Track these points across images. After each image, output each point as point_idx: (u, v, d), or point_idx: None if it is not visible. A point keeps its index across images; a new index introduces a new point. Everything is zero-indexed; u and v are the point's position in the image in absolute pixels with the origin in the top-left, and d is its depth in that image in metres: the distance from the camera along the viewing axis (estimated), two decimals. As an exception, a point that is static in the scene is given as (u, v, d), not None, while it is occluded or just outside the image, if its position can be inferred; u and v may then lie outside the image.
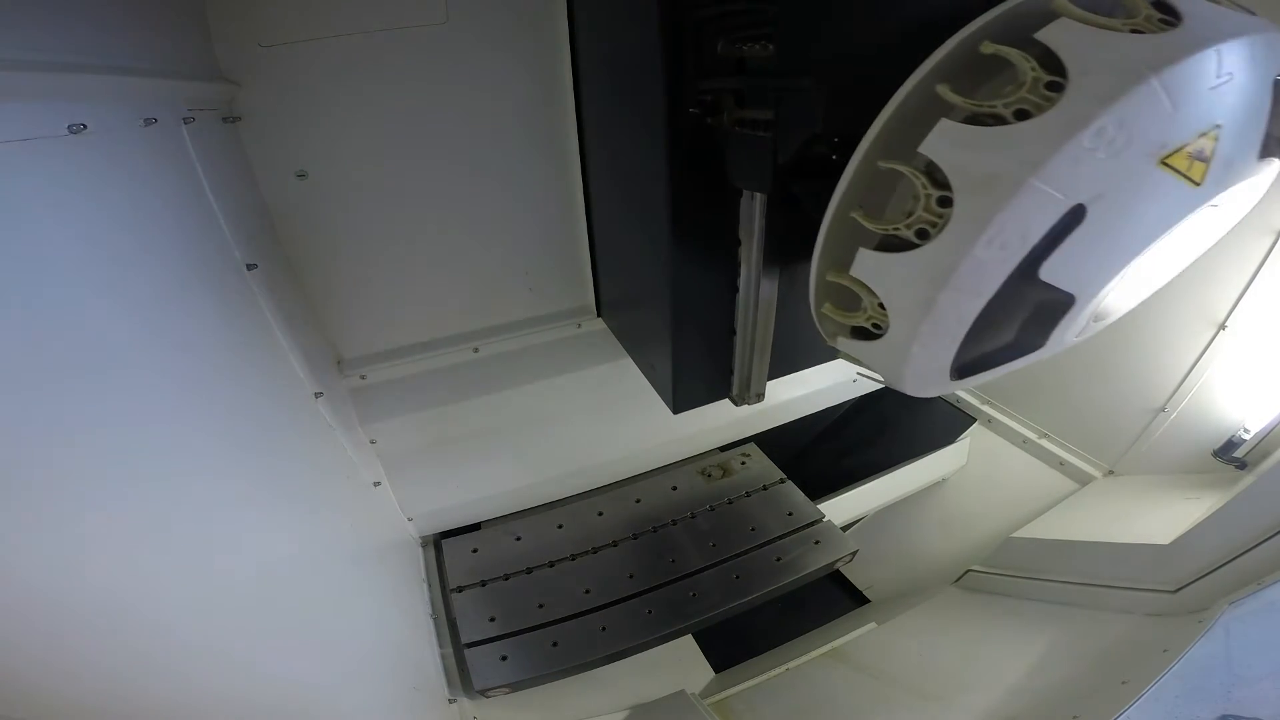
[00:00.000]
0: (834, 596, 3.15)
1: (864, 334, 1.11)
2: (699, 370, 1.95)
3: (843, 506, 2.86)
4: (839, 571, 2.99)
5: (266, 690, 1.23)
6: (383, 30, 1.98)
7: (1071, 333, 1.00)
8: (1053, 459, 2.67)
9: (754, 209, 1.50)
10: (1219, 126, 0.80)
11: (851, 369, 1.42)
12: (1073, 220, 0.82)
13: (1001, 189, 0.81)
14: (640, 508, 2.75)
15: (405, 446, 2.48)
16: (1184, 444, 2.25)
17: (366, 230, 2.29)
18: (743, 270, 1.66)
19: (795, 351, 1.93)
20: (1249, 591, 1.68)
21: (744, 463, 2.94)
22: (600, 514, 2.72)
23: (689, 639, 2.76)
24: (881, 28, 1.13)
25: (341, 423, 2.19)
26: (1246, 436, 2.04)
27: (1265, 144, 0.87)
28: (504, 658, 2.18)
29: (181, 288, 1.42)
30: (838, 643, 2.62)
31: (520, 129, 2.32)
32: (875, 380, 1.24)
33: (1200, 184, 0.83)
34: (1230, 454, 2.06)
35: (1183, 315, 2.13)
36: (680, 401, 2.01)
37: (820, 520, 2.64)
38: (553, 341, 2.75)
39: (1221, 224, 0.98)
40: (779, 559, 2.51)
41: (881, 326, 1.05)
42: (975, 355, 1.01)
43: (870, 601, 3.11)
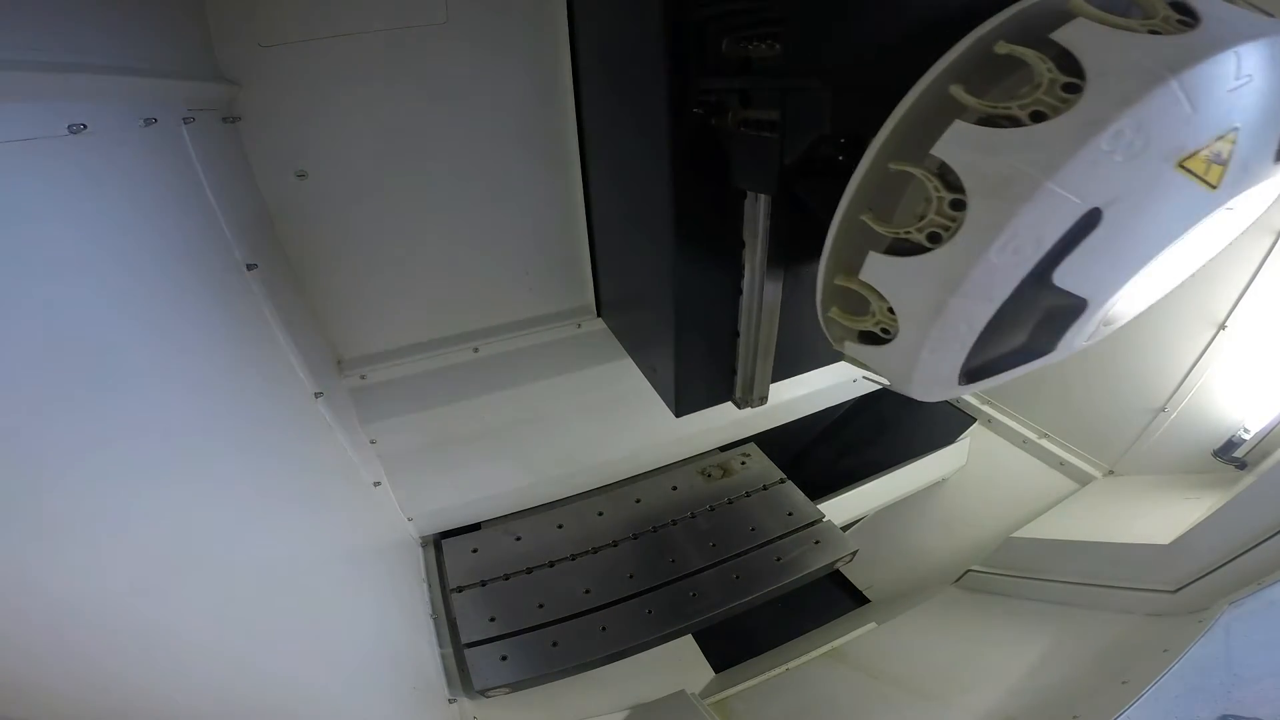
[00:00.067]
0: (834, 596, 3.16)
1: (872, 339, 1.09)
2: (702, 373, 1.93)
3: (843, 506, 2.86)
4: (839, 571, 2.99)
5: (266, 690, 1.23)
6: (383, 30, 1.98)
7: (1082, 337, 0.99)
8: (1053, 459, 2.67)
9: (758, 210, 1.49)
10: (1237, 129, 0.79)
11: (852, 369, 1.41)
12: (1088, 224, 0.81)
13: (1017, 192, 0.80)
14: (640, 508, 2.74)
15: (405, 446, 2.47)
16: (1184, 444, 2.25)
17: (366, 230, 2.28)
18: (746, 272, 1.65)
19: (799, 354, 1.92)
20: (1249, 591, 1.69)
21: (744, 463, 2.94)
22: (600, 514, 2.71)
23: (689, 639, 2.75)
24: (890, 27, 1.10)
25: (341, 423, 2.18)
26: (1246, 436, 2.05)
27: None
28: (504, 658, 2.18)
29: (181, 288, 1.41)
30: (838, 643, 2.62)
31: (520, 128, 2.32)
32: (880, 383, 1.23)
33: (1217, 187, 0.82)
34: (1230, 454, 2.07)
35: (1183, 315, 2.13)
36: (683, 405, 1.99)
37: (820, 520, 2.64)
38: (553, 341, 2.75)
39: (1234, 227, 0.97)
40: (779, 559, 2.50)
41: (890, 331, 1.04)
42: (984, 360, 0.99)
43: (870, 601, 3.12)
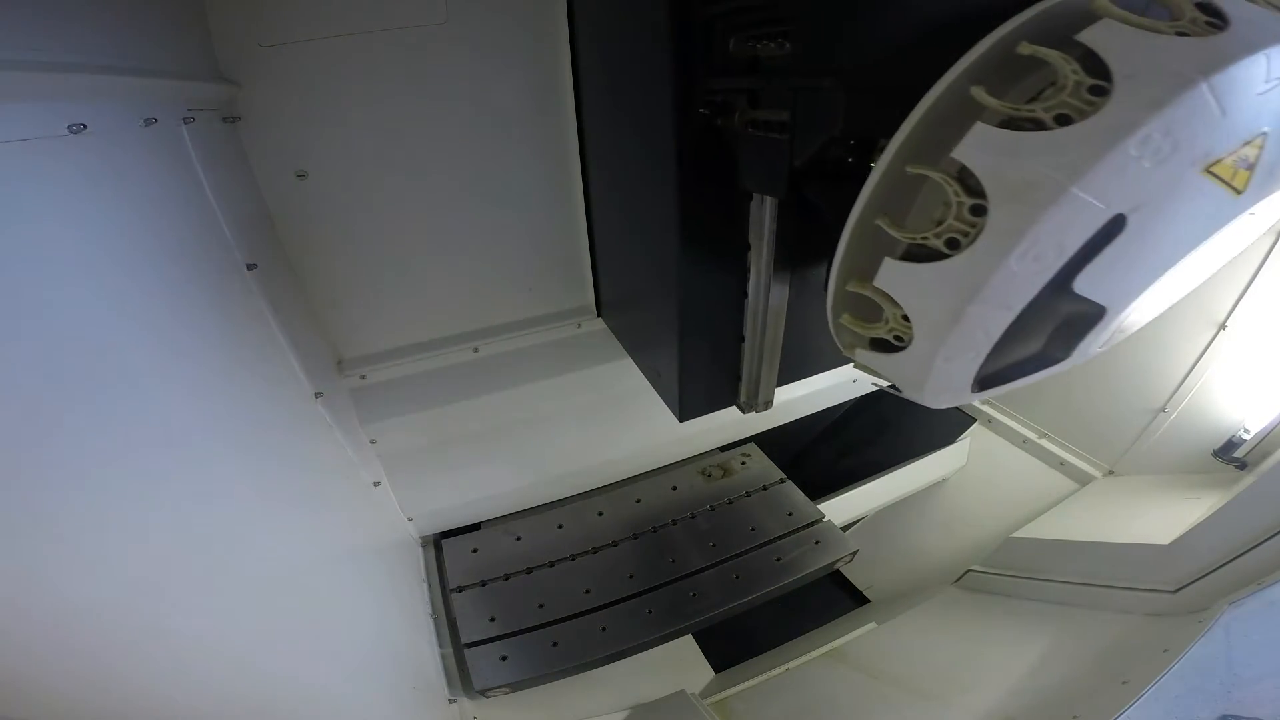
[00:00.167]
0: (834, 596, 3.17)
1: (884, 346, 1.06)
2: (706, 378, 1.91)
3: (843, 506, 2.87)
4: (839, 571, 3.00)
5: (266, 690, 1.22)
6: (383, 30, 1.96)
7: (1097, 345, 0.97)
8: (1053, 459, 2.68)
9: (765, 213, 1.47)
10: (1265, 134, 0.77)
11: (852, 369, 1.38)
12: (1112, 231, 0.79)
13: (1040, 197, 0.78)
14: (640, 508, 2.74)
15: (405, 446, 2.46)
16: (1184, 444, 2.26)
17: (366, 230, 2.27)
18: (752, 276, 1.63)
19: (805, 358, 1.90)
20: (1249, 591, 1.70)
21: (744, 463, 2.94)
22: (600, 514, 2.71)
23: (689, 639, 2.76)
24: (905, 26, 1.07)
25: (341, 423, 2.18)
26: (1246, 436, 2.06)
27: None
28: (504, 658, 2.18)
29: (181, 288, 1.40)
30: (838, 643, 2.62)
31: (520, 128, 2.30)
32: (891, 391, 1.21)
33: (1243, 192, 0.80)
34: (1230, 454, 2.08)
35: (1183, 315, 2.13)
36: (687, 410, 1.97)
37: (820, 520, 2.65)
38: (553, 341, 2.73)
39: (1252, 232, 0.95)
40: (779, 559, 2.51)
41: (904, 339, 1.01)
42: (998, 368, 0.97)
43: (870, 601, 3.13)
